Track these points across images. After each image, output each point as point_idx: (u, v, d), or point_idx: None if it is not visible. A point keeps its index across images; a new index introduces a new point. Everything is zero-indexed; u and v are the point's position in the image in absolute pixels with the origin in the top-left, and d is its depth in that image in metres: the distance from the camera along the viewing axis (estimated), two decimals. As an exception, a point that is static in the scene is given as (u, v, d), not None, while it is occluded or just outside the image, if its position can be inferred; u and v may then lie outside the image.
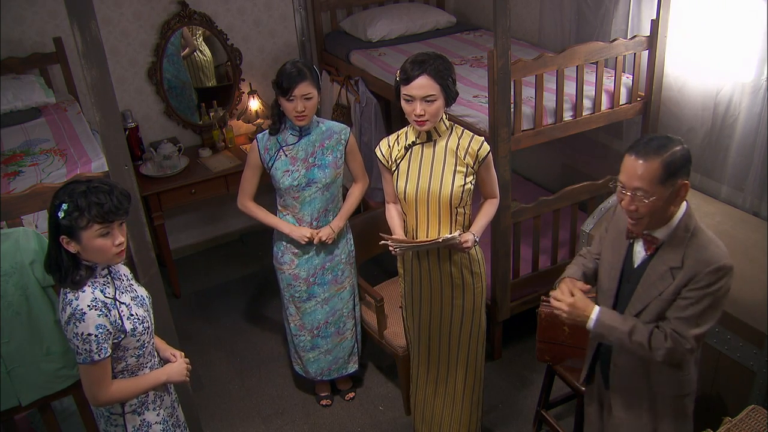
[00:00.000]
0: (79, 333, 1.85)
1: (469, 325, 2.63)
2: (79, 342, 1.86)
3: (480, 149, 2.41)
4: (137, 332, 1.98)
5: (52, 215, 1.84)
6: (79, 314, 1.85)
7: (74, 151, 3.06)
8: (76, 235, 1.83)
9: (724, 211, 2.84)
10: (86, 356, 1.87)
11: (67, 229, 1.83)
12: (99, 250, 1.86)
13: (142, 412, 2.10)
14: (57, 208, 1.82)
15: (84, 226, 1.82)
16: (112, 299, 1.94)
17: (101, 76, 2.04)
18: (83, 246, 1.85)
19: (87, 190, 1.83)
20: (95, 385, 1.93)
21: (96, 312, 1.87)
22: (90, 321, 1.85)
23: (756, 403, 2.30)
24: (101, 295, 1.91)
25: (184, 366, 2.16)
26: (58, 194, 1.84)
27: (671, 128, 3.33)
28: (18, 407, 2.36)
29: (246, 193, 2.95)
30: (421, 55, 2.32)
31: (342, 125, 2.91)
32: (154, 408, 2.12)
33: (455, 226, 2.48)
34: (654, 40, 3.16)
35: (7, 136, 3.28)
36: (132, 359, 2.02)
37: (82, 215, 1.81)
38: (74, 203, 1.81)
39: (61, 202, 1.82)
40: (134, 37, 4.03)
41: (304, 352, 3.19)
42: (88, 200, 1.81)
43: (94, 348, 1.87)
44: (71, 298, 1.87)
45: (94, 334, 1.86)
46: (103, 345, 1.88)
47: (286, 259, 2.99)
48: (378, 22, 4.24)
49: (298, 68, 2.69)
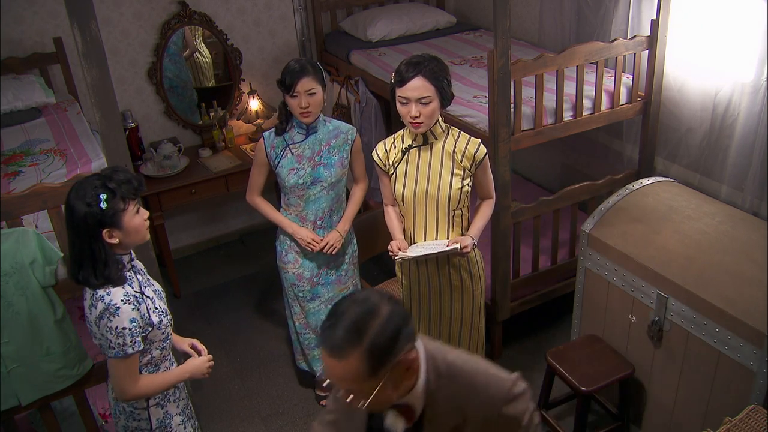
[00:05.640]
0: (113, 327, 1.88)
1: (469, 327, 2.63)
2: (112, 336, 1.88)
3: (477, 151, 2.41)
4: (162, 325, 2.02)
5: (88, 215, 1.84)
6: (113, 309, 1.88)
7: (74, 151, 3.06)
8: (118, 221, 1.87)
9: (724, 211, 2.84)
10: (119, 350, 1.90)
11: (110, 218, 1.86)
12: (137, 229, 1.93)
13: (164, 405, 2.13)
14: (96, 203, 1.83)
15: (123, 208, 1.87)
16: (139, 293, 1.98)
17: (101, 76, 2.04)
18: (125, 231, 1.89)
19: (106, 177, 1.87)
20: (126, 379, 1.96)
21: (129, 306, 1.90)
22: (124, 315, 1.89)
23: (756, 403, 2.30)
24: (131, 290, 1.94)
25: (207, 365, 2.19)
26: (83, 194, 1.84)
27: (671, 128, 3.33)
28: (18, 407, 2.36)
29: (254, 189, 2.96)
30: (415, 57, 2.31)
31: (349, 125, 2.92)
32: (174, 400, 2.17)
33: (454, 228, 2.48)
34: (654, 40, 3.16)
35: (7, 136, 3.28)
36: (157, 351, 2.06)
37: (119, 198, 1.85)
38: (108, 190, 1.85)
39: (96, 195, 1.83)
40: (134, 37, 4.03)
41: (309, 349, 3.19)
42: (117, 182, 1.86)
43: (128, 341, 1.90)
44: (102, 294, 1.89)
45: (128, 327, 1.89)
46: (136, 338, 1.92)
47: (290, 258, 3.00)
48: (378, 22, 4.24)
49: (301, 64, 2.70)
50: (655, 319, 2.67)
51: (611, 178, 3.40)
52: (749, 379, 2.36)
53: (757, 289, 2.40)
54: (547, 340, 3.64)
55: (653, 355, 2.74)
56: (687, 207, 2.87)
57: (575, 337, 3.15)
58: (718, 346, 2.44)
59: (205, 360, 2.19)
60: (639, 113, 3.34)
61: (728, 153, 3.03)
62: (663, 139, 3.39)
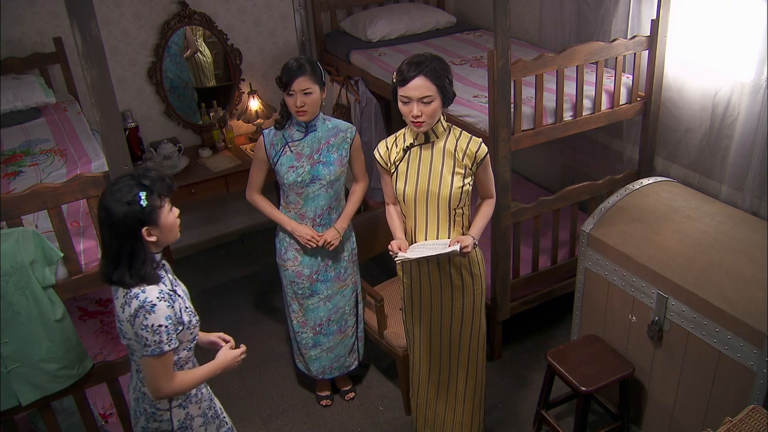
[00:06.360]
0: (149, 325, 1.87)
1: (469, 326, 2.63)
2: (148, 334, 1.88)
3: (478, 150, 2.41)
4: (191, 325, 2.03)
5: (128, 215, 1.84)
6: (149, 306, 1.88)
7: (74, 151, 3.06)
8: (156, 219, 1.89)
9: (724, 211, 2.84)
10: (155, 348, 1.89)
11: (149, 216, 1.87)
12: (171, 227, 1.96)
13: (186, 406, 2.12)
14: (135, 201, 1.84)
15: (160, 205, 1.90)
16: (172, 291, 1.98)
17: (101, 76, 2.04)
18: (161, 228, 1.92)
19: (140, 176, 1.89)
20: (161, 377, 1.94)
21: (165, 303, 1.90)
22: (160, 312, 1.88)
23: (756, 403, 2.29)
24: (165, 287, 1.95)
25: (240, 357, 2.18)
26: (120, 195, 1.85)
27: (671, 128, 3.34)
28: (18, 407, 2.35)
29: (253, 186, 2.97)
30: (417, 56, 2.31)
31: (348, 124, 2.92)
32: (196, 401, 2.15)
33: (454, 228, 2.48)
34: (654, 40, 3.16)
35: (7, 136, 3.28)
36: (184, 352, 2.05)
37: (156, 195, 1.88)
38: (145, 188, 1.86)
39: (135, 194, 1.85)
40: (134, 37, 4.03)
41: (306, 349, 3.19)
42: (151, 180, 1.88)
43: (164, 339, 1.89)
44: (137, 292, 1.89)
45: (164, 324, 1.89)
46: (172, 336, 1.92)
47: (290, 255, 3.00)
48: (378, 22, 4.24)
49: (299, 63, 2.70)
50: (655, 319, 2.67)
51: (611, 178, 3.40)
52: (749, 379, 2.36)
53: (757, 289, 2.40)
54: (547, 340, 3.64)
55: (653, 355, 2.74)
56: (687, 207, 2.87)
57: (575, 337, 3.15)
58: (718, 346, 2.44)
59: (237, 353, 2.17)
60: (639, 113, 3.34)
61: (728, 153, 3.03)
62: (663, 139, 3.40)
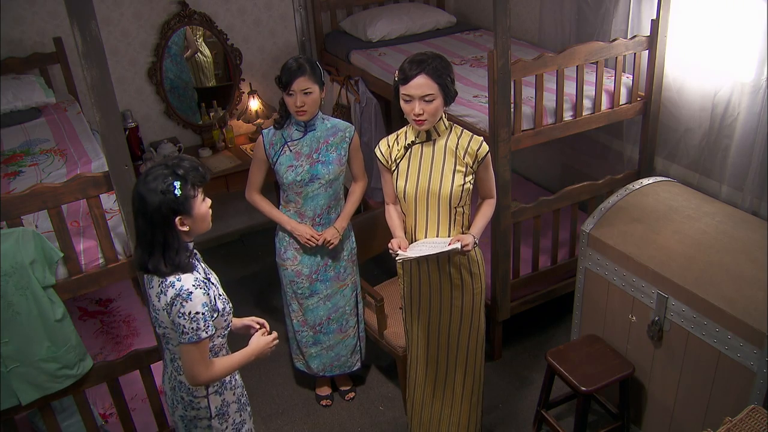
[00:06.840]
0: (186, 312, 1.89)
1: (468, 326, 2.63)
2: (186, 321, 1.89)
3: (479, 149, 2.41)
4: (225, 312, 2.04)
5: (163, 203, 1.85)
6: (186, 294, 1.89)
7: (74, 151, 3.06)
8: (189, 208, 1.90)
9: (724, 211, 2.84)
10: (193, 335, 1.90)
11: (182, 205, 1.88)
12: (204, 217, 1.97)
13: (222, 392, 2.14)
14: (170, 190, 1.85)
15: (194, 194, 1.90)
16: (206, 279, 2.00)
17: (101, 76, 2.04)
18: (194, 218, 1.93)
19: (174, 165, 1.89)
20: (198, 364, 1.95)
21: (201, 291, 1.92)
22: (197, 300, 1.90)
23: (756, 403, 2.29)
24: (199, 275, 1.96)
25: (273, 343, 2.18)
26: (155, 184, 1.85)
27: (671, 128, 3.34)
28: (18, 407, 2.36)
29: (253, 186, 2.98)
30: (419, 54, 2.32)
31: (347, 123, 2.93)
32: (230, 388, 2.17)
33: (454, 226, 2.48)
34: (654, 40, 3.16)
35: (7, 136, 3.28)
36: (218, 339, 2.07)
37: (190, 184, 1.88)
38: (179, 177, 1.87)
39: (170, 183, 1.85)
40: (134, 37, 4.03)
41: (306, 347, 3.19)
42: (185, 169, 1.88)
43: (201, 326, 1.91)
44: (172, 280, 1.91)
45: (201, 312, 1.90)
46: (209, 322, 1.93)
47: (289, 255, 3.00)
48: (378, 22, 4.24)
49: (298, 63, 2.71)
50: (655, 318, 2.67)
51: (611, 178, 3.40)
52: (749, 379, 2.36)
53: (757, 289, 2.40)
54: (547, 340, 3.64)
55: (653, 355, 2.74)
56: (687, 207, 2.87)
57: (575, 337, 3.15)
58: (718, 346, 2.44)
59: (269, 339, 2.18)
60: (639, 113, 3.34)
61: (728, 153, 3.03)
62: (663, 139, 3.40)
